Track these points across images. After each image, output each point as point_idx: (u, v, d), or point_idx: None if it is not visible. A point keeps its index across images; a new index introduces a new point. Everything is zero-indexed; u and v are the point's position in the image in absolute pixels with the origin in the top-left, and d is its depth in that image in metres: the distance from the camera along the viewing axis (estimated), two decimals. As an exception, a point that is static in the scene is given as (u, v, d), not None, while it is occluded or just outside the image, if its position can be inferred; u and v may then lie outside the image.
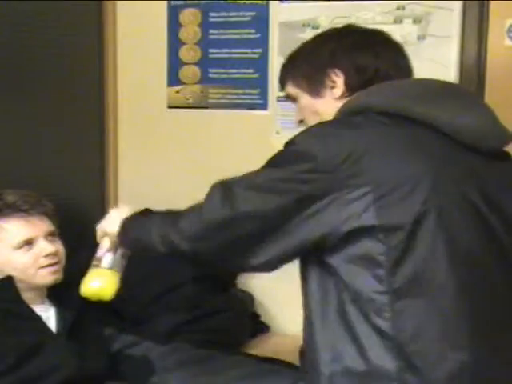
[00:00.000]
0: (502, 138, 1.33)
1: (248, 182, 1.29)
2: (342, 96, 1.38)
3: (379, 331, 1.22)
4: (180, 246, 1.32)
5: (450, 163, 1.27)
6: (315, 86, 1.40)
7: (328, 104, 1.39)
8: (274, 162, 1.29)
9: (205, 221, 1.30)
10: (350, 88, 1.37)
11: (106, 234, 1.57)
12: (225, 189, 1.29)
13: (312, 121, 1.42)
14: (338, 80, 1.38)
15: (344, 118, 1.33)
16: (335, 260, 1.24)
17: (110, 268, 1.57)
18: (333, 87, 1.39)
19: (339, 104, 1.37)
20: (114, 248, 1.57)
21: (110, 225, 1.55)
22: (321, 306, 1.29)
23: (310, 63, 1.41)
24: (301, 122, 1.47)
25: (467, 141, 1.28)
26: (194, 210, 1.34)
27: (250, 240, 1.28)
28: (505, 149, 1.37)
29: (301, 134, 1.29)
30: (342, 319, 1.25)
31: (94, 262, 1.58)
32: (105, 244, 1.57)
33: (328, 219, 1.21)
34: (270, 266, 1.31)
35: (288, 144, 1.28)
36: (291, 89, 1.46)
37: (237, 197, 1.27)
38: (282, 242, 1.26)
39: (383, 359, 1.22)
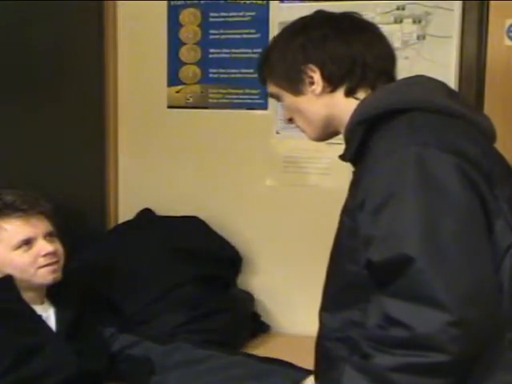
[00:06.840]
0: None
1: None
2: (324, 91, 1.32)
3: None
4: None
5: None
6: (294, 84, 1.34)
7: (310, 101, 1.33)
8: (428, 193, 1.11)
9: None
10: (330, 82, 1.31)
11: None
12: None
13: (298, 119, 1.38)
14: (315, 75, 1.31)
15: (410, 123, 1.21)
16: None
17: None
18: (311, 83, 1.32)
19: (323, 101, 1.32)
20: None
21: None
22: None
23: (283, 61, 1.34)
24: (290, 120, 1.40)
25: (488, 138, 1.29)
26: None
27: None
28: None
29: (418, 156, 1.12)
30: None
31: None
32: None
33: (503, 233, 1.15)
34: None
35: (419, 167, 1.11)
36: (273, 88, 1.39)
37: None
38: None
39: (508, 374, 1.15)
